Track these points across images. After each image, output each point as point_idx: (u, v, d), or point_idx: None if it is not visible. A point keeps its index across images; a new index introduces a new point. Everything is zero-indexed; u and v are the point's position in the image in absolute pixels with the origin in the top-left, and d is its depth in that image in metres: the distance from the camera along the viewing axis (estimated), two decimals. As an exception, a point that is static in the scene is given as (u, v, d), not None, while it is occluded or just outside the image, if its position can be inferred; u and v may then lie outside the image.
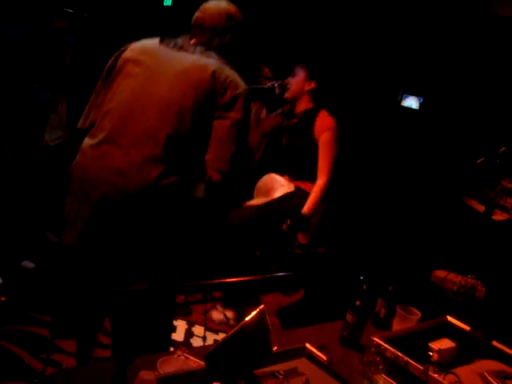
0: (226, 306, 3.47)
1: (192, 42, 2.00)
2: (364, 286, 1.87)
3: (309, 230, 5.10)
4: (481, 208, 3.41)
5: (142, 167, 1.83)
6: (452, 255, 3.15)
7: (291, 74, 3.29)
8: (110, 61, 2.07)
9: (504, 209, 3.29)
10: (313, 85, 3.25)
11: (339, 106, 3.47)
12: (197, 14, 2.06)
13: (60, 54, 3.71)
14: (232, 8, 2.06)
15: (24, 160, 3.54)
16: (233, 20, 2.03)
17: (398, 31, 5.15)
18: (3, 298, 2.98)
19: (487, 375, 1.74)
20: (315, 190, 3.13)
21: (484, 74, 4.75)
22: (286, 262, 3.55)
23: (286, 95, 3.27)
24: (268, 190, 3.25)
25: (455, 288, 3.11)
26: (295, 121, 3.28)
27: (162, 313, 2.05)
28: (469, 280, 3.11)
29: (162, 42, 2.01)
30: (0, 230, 3.54)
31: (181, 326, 3.34)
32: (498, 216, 3.30)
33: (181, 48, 1.96)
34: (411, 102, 5.37)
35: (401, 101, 5.31)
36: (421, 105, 5.27)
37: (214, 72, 1.88)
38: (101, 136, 1.91)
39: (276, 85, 3.25)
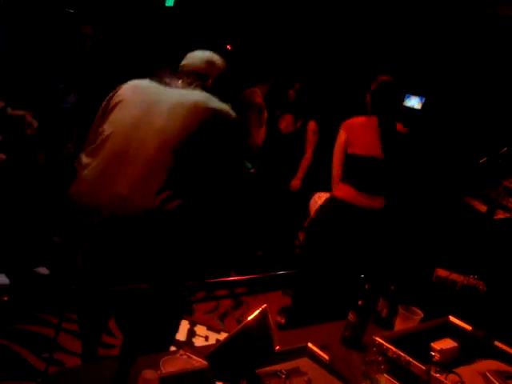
0: None
1: (179, 82, 2.13)
2: (366, 286, 1.87)
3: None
4: (483, 208, 3.41)
5: (145, 194, 1.88)
6: (454, 255, 3.15)
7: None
8: (105, 100, 2.15)
9: (506, 209, 3.29)
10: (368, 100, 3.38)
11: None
12: (183, 61, 2.25)
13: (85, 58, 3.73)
14: (215, 56, 2.24)
15: (53, 164, 3.56)
16: (214, 66, 2.20)
17: (400, 32, 5.15)
18: (6, 298, 2.99)
19: (489, 375, 1.74)
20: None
21: (486, 73, 4.74)
22: (289, 262, 3.56)
23: None
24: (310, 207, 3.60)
25: (457, 288, 3.11)
26: None
27: (168, 312, 2.08)
28: (471, 280, 3.11)
29: (151, 79, 2.15)
30: (14, 235, 3.55)
31: (183, 325, 3.34)
32: (500, 216, 3.30)
33: (169, 85, 2.10)
34: (413, 102, 5.37)
35: (403, 101, 5.31)
36: (423, 105, 5.27)
37: (205, 105, 2.00)
38: (101, 162, 1.97)
39: None
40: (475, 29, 4.79)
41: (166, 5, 5.39)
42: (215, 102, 2.03)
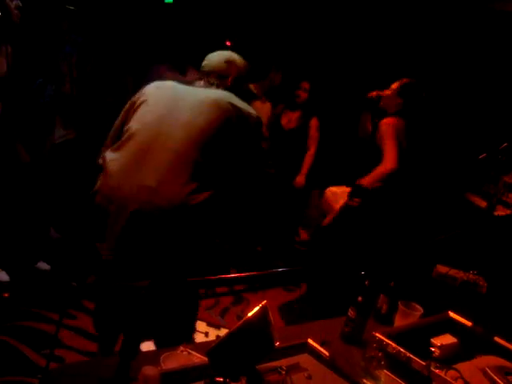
0: None
1: (201, 82, 2.25)
2: (366, 282, 1.87)
3: (310, 225, 5.13)
4: (483, 204, 3.41)
5: (172, 186, 1.95)
6: (454, 251, 3.15)
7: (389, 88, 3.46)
8: (129, 101, 2.23)
9: (506, 204, 3.29)
10: (399, 101, 3.41)
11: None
12: (204, 62, 2.31)
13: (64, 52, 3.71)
14: (234, 56, 2.30)
15: (38, 160, 3.55)
16: (233, 65, 2.27)
17: (399, 29, 5.14)
18: (6, 295, 3.00)
19: (489, 371, 1.74)
20: (380, 169, 3.21)
21: (485, 69, 4.73)
22: (289, 258, 3.57)
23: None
24: (329, 204, 3.40)
25: (457, 284, 3.11)
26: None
27: (184, 304, 2.16)
28: (470, 276, 3.11)
29: (176, 81, 2.25)
30: (13, 231, 3.56)
31: (183, 321, 3.34)
32: (501, 212, 3.30)
33: (192, 84, 2.21)
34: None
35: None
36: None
37: (228, 102, 2.08)
38: (128, 156, 2.03)
39: (374, 96, 3.55)
40: (474, 25, 4.78)
41: (165, 1, 5.38)
42: (237, 101, 2.11)
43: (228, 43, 5.40)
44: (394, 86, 3.43)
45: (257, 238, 4.96)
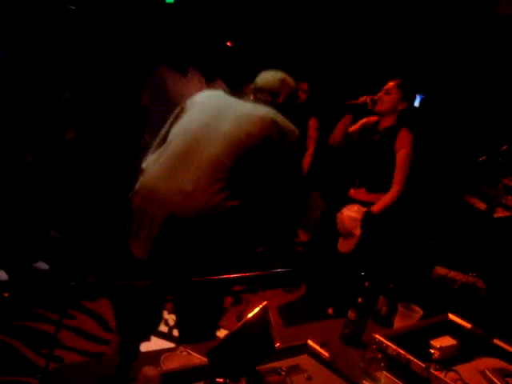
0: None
1: (251, 96, 2.35)
2: (366, 284, 1.87)
3: (310, 227, 5.13)
4: (482, 206, 3.41)
5: (208, 191, 2.03)
6: (453, 253, 3.15)
7: (383, 90, 3.28)
8: (178, 107, 2.31)
9: (506, 207, 3.29)
10: (405, 105, 3.29)
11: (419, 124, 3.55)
12: (257, 79, 2.39)
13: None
14: (287, 77, 2.38)
15: (42, 160, 3.56)
16: (286, 85, 2.35)
17: (399, 30, 5.14)
18: (6, 294, 2.99)
19: (488, 373, 1.75)
20: (390, 195, 3.20)
21: (485, 71, 4.74)
22: (288, 259, 3.56)
23: (378, 108, 3.27)
24: (349, 231, 3.30)
25: (456, 286, 3.11)
26: (378, 137, 3.32)
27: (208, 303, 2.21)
28: (470, 278, 3.11)
29: (227, 92, 2.35)
30: (12, 230, 3.56)
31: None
32: (500, 214, 3.30)
33: (241, 98, 2.30)
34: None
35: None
36: (422, 102, 5.26)
37: (271, 119, 2.15)
38: (167, 159, 2.12)
39: (368, 100, 3.26)
40: (475, 27, 4.78)
41: (167, 1, 5.39)
42: (281, 119, 2.19)
43: (229, 44, 5.41)
44: (392, 88, 3.26)
45: (258, 239, 4.95)
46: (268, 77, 2.38)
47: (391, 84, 3.27)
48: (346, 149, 3.52)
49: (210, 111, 2.19)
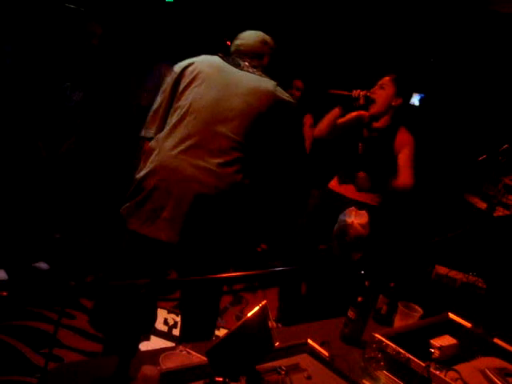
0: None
1: (246, 64, 2.30)
2: (366, 283, 1.87)
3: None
4: (483, 205, 3.41)
5: (229, 170, 2.09)
6: (453, 252, 3.15)
7: (377, 84, 3.17)
8: (174, 74, 2.29)
9: (506, 206, 3.29)
10: (399, 101, 3.16)
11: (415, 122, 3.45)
12: (237, 41, 2.39)
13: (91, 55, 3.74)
14: (266, 36, 2.39)
15: (52, 158, 3.57)
16: (267, 45, 2.36)
17: (400, 29, 5.14)
18: (5, 293, 2.99)
19: (488, 372, 1.74)
20: (402, 183, 3.04)
21: (486, 70, 4.74)
22: (290, 258, 3.53)
23: (373, 110, 3.14)
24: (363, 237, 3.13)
25: (456, 285, 3.11)
26: (376, 134, 3.20)
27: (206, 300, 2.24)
28: (470, 277, 3.11)
29: (223, 59, 2.30)
30: (13, 229, 3.56)
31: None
32: (500, 213, 3.30)
33: (241, 68, 2.26)
34: (413, 99, 5.36)
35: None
36: (422, 101, 5.26)
37: (274, 92, 2.20)
38: (186, 138, 2.12)
39: (361, 95, 3.08)
40: (475, 26, 4.78)
41: (167, 0, 5.38)
42: (280, 90, 2.24)
43: (228, 43, 5.40)
44: (388, 82, 3.14)
45: (259, 238, 4.95)
46: (250, 39, 2.36)
47: (387, 78, 3.18)
48: (335, 143, 3.42)
49: (219, 87, 2.18)
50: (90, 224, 4.25)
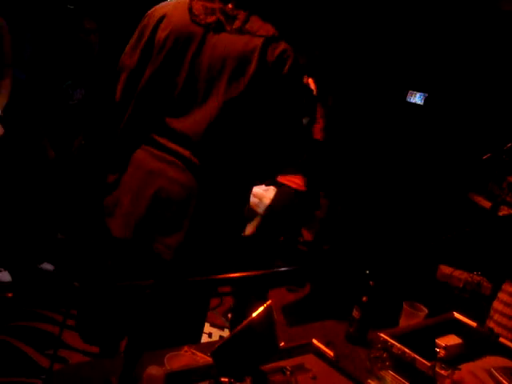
0: None
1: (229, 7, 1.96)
2: (371, 282, 1.87)
3: (314, 225, 5.11)
4: (487, 204, 3.39)
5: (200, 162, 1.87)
6: (458, 252, 3.14)
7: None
8: (141, 25, 2.08)
9: (510, 205, 3.28)
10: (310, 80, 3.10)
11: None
12: None
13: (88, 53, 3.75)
14: None
15: (65, 158, 3.58)
16: None
17: (402, 28, 5.13)
18: (10, 295, 2.99)
19: (494, 371, 1.73)
20: None
21: (489, 69, 4.72)
22: (291, 258, 3.53)
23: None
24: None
25: (461, 284, 3.10)
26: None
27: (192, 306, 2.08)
28: (475, 277, 3.10)
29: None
30: (17, 231, 3.57)
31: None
32: (505, 212, 3.28)
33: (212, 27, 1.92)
34: (416, 98, 5.35)
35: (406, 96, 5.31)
36: (426, 100, 5.25)
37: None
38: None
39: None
40: (478, 24, 4.77)
41: None
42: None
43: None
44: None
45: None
46: None
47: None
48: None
49: (198, 57, 1.89)
50: (94, 225, 4.25)
